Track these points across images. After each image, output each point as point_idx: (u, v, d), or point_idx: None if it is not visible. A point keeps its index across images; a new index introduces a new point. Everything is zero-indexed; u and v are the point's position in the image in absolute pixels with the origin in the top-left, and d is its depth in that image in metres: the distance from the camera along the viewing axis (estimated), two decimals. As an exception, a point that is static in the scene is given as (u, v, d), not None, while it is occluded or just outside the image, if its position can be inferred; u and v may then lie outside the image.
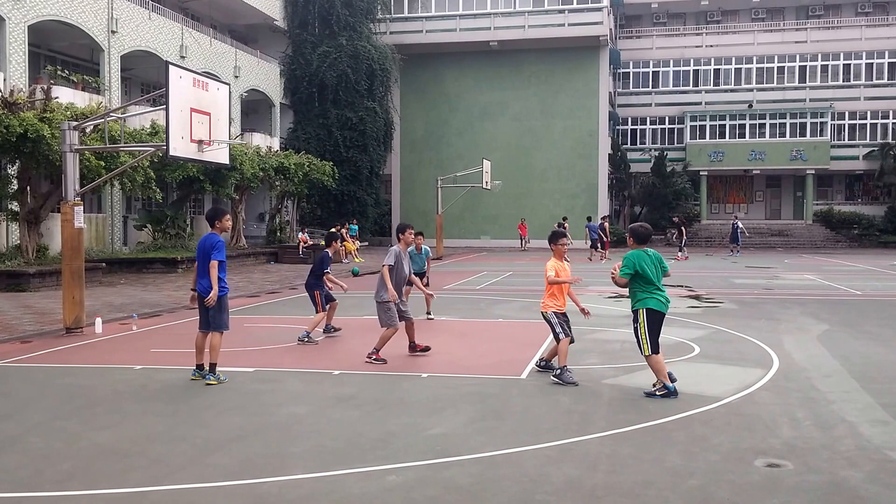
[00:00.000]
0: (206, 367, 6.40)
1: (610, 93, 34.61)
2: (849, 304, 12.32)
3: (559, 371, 6.33)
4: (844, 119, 35.95)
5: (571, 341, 6.59)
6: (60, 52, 21.87)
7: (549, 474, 4.12)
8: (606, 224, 25.97)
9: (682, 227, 25.82)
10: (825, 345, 8.35)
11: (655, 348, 5.80)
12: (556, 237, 6.72)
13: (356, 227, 27.87)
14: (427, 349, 7.56)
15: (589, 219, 27.00)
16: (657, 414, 5.35)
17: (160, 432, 4.96)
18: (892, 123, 35.44)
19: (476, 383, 6.38)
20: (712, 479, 4.05)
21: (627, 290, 5.95)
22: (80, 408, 5.65)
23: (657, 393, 5.81)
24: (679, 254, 24.99)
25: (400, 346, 8.12)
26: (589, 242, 25.63)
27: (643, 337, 5.79)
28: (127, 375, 6.77)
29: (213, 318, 6.33)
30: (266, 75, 29.15)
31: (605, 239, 25.25)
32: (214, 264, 6.22)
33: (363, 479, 4.06)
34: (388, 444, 4.69)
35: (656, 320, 5.80)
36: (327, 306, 8.75)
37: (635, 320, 5.87)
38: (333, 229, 24.59)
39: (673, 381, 5.83)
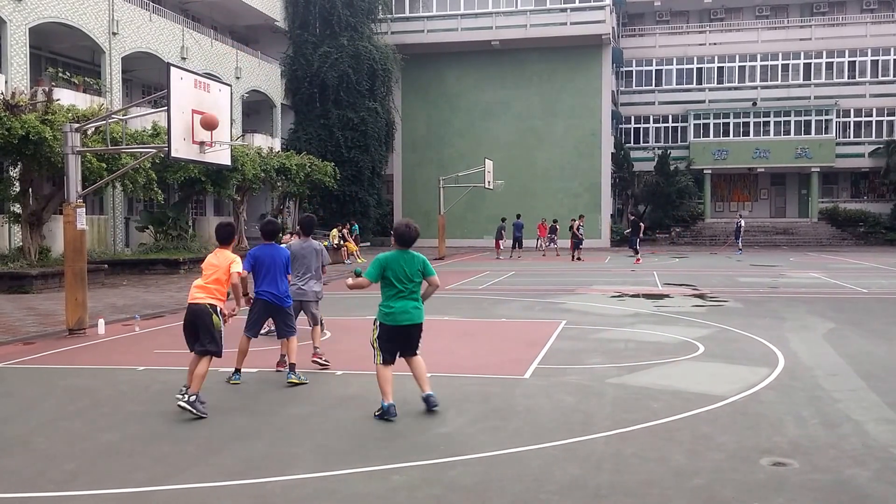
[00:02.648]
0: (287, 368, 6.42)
1: (612, 91, 34.53)
2: (855, 303, 12.25)
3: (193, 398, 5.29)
4: (850, 116, 35.79)
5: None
6: (61, 53, 21.91)
7: (553, 474, 4.10)
8: (577, 223, 24.85)
9: (639, 225, 23.74)
10: (831, 343, 8.30)
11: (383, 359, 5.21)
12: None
13: (357, 227, 27.77)
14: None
15: (518, 216, 26.66)
16: (661, 413, 5.33)
17: (163, 433, 4.95)
18: (898, 121, 35.32)
19: (479, 383, 6.36)
20: (717, 479, 4.03)
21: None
22: (84, 408, 5.65)
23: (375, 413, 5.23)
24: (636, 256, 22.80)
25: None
26: (510, 241, 25.22)
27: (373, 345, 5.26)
28: (130, 376, 6.77)
29: (286, 325, 6.49)
30: (267, 76, 29.18)
31: (577, 238, 24.30)
32: (290, 278, 6.62)
33: (367, 479, 4.05)
34: (391, 443, 4.67)
35: (388, 333, 5.18)
36: None
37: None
38: (335, 230, 24.61)
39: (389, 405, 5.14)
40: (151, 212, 22.24)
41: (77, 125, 9.56)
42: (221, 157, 9.66)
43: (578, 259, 23.95)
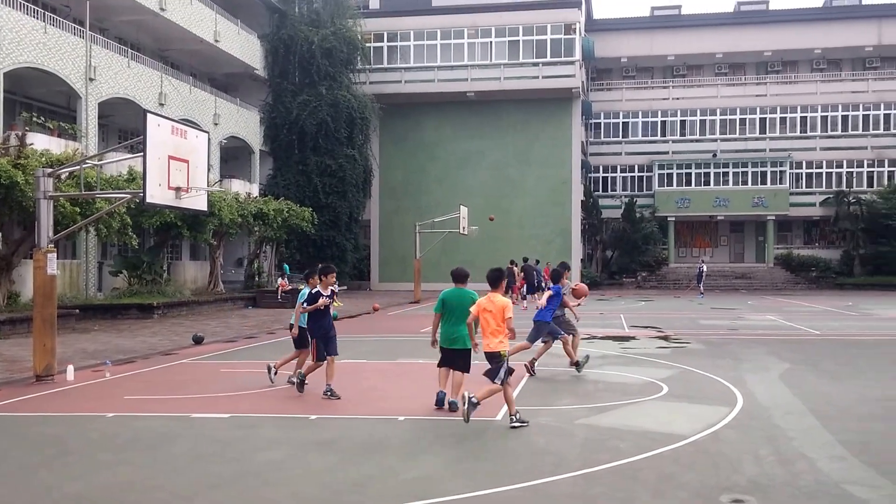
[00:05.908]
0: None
1: (582, 142, 35.79)
2: (808, 344, 12.71)
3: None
4: (802, 168, 37.73)
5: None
6: (37, 98, 21.84)
7: (523, 513, 4.21)
8: (515, 269, 24.01)
9: (515, 270, 22.53)
10: (787, 383, 8.62)
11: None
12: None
13: (287, 266, 27.20)
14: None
15: (525, 260, 25.70)
16: (627, 453, 5.50)
17: (134, 481, 4.91)
18: (846, 172, 37.30)
19: (452, 425, 6.46)
20: (679, 515, 4.19)
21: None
22: (51, 458, 5.56)
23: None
24: (522, 301, 22.32)
25: (364, 389, 8.14)
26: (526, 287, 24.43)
27: None
28: (99, 424, 6.68)
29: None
30: (246, 122, 29.52)
31: (516, 282, 23.65)
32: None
33: (340, 522, 4.09)
34: (365, 488, 4.72)
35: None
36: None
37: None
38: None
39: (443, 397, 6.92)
40: (126, 256, 21.92)
41: (50, 170, 9.51)
42: (198, 202, 9.78)
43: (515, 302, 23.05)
